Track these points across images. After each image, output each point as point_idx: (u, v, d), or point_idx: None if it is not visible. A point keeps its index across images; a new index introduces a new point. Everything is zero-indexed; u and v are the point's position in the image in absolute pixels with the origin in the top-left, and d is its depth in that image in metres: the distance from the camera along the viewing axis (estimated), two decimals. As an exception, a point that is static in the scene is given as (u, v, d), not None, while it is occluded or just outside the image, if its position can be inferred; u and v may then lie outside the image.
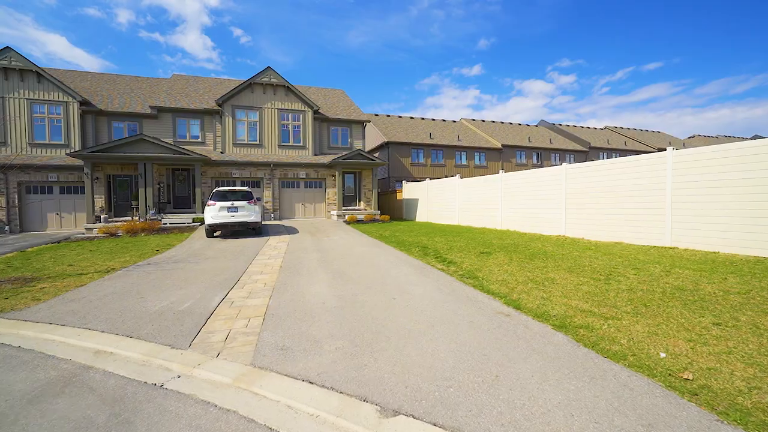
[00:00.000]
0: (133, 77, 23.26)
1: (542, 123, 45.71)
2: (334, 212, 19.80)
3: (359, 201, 22.11)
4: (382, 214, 20.76)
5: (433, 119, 39.06)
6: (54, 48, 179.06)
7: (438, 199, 19.13)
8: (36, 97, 17.50)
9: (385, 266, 7.53)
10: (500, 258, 7.83)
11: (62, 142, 17.75)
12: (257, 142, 20.39)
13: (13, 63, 17.01)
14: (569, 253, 8.15)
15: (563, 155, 38.35)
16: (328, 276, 6.75)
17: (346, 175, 21.85)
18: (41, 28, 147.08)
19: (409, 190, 22.58)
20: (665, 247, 8.38)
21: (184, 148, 17.18)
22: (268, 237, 12.72)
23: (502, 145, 34.64)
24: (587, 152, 39.07)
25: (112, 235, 14.56)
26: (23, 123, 17.35)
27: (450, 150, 32.77)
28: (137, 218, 16.38)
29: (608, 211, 10.18)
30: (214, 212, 12.14)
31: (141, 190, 16.53)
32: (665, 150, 8.90)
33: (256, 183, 19.79)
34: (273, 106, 20.66)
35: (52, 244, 12.71)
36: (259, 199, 15.53)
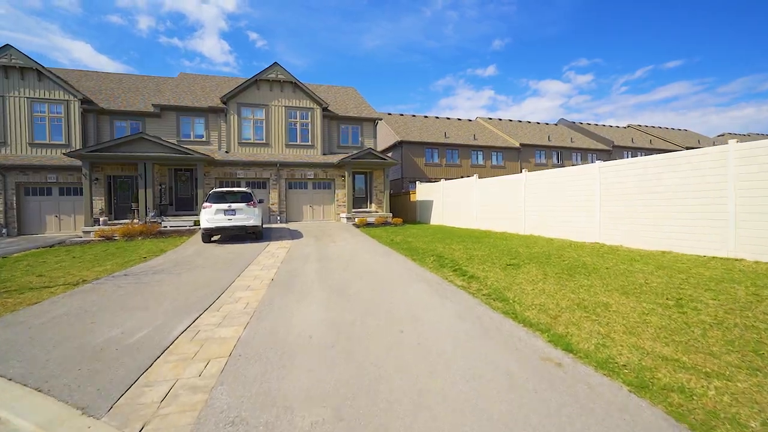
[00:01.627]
0: (138, 76, 22.67)
1: (562, 122, 43.94)
2: (344, 215, 18.71)
3: (370, 203, 20.99)
4: (394, 216, 19.63)
5: (448, 118, 37.76)
6: (79, 55, 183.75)
7: (454, 201, 17.86)
8: (36, 95, 16.92)
9: (394, 281, 6.35)
10: (532, 272, 6.57)
11: (63, 142, 17.13)
12: (263, 141, 19.48)
13: (13, 61, 16.46)
14: (614, 265, 6.82)
15: (585, 154, 36.61)
16: (324, 294, 5.61)
17: (356, 176, 20.76)
18: (67, 36, 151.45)
19: (423, 192, 21.36)
20: (729, 259, 6.98)
21: (186, 148, 16.34)
22: (268, 242, 11.68)
23: (520, 144, 33.14)
24: (610, 151, 37.23)
25: (108, 239, 13.77)
26: (23, 122, 16.78)
27: (466, 149, 31.42)
28: (136, 221, 15.59)
29: (652, 215, 8.78)
30: (210, 215, 11.17)
31: (141, 192, 15.74)
32: (695, 148, 7.51)
33: (261, 184, 18.85)
34: (280, 104, 19.73)
35: (41, 248, 11.94)
36: (261, 201, 14.53)
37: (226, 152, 18.90)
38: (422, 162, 29.68)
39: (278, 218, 18.68)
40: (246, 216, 11.40)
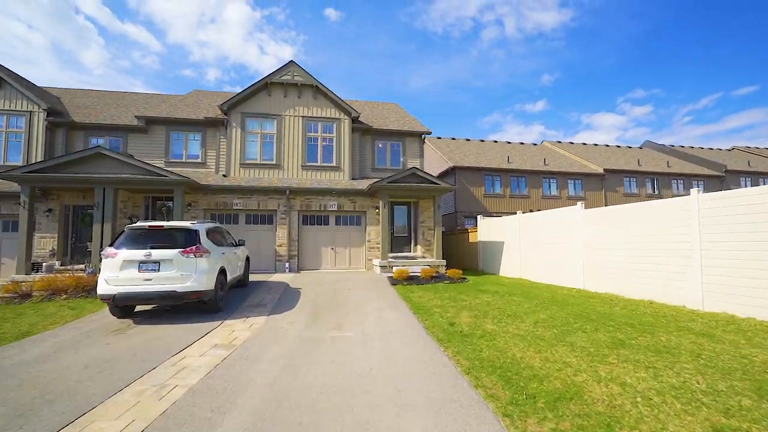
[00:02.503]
0: (143, 94, 19.34)
1: (648, 144, 36.57)
2: (377, 262, 13.19)
3: (414, 244, 15.34)
4: (449, 265, 13.85)
5: (509, 142, 31.93)
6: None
7: (541, 243, 11.76)
8: (-5, 107, 13.52)
9: None
10: None
11: (20, 164, 13.38)
12: (273, 162, 14.76)
13: (-29, 66, 13.27)
14: None
15: (688, 182, 28.96)
16: None
17: (395, 208, 15.33)
18: (149, 89, 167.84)
19: (487, 229, 15.41)
20: None
21: (164, 169, 11.97)
22: (222, 321, 6.32)
23: (604, 169, 26.41)
24: (722, 177, 29.39)
25: (24, 296, 9.20)
26: (-23, 140, 13.32)
27: (535, 177, 25.24)
28: (81, 268, 11.07)
29: None
30: (112, 271, 6.07)
31: (96, 227, 11.32)
32: None
33: (266, 217, 13.95)
34: (296, 113, 15.11)
35: None
36: (241, 243, 9.47)
37: (224, 176, 14.33)
38: (480, 192, 23.83)
39: (286, 265, 13.49)
40: (180, 274, 6.17)
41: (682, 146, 36.02)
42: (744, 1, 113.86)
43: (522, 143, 32.20)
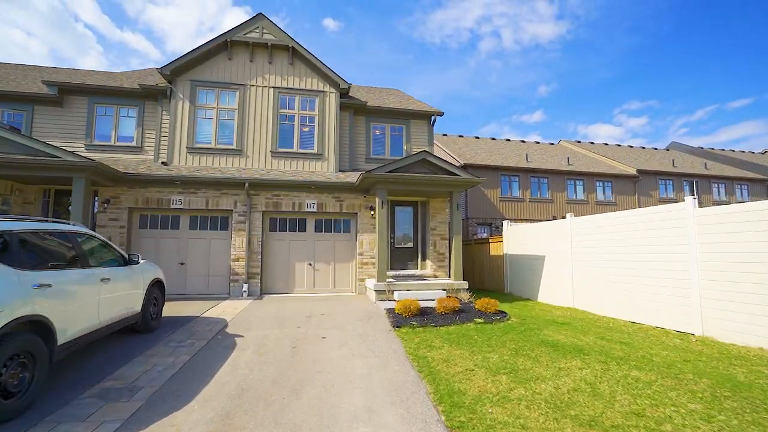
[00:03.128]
0: (85, 71, 15.55)
1: (674, 146, 33.19)
2: (371, 283, 9.32)
3: (423, 258, 11.49)
4: (473, 290, 9.96)
5: (523, 141, 28.32)
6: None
7: (608, 260, 7.91)
8: None
9: None
10: None
11: None
12: (233, 147, 10.96)
13: None
14: None
15: (730, 186, 25.45)
16: None
17: (396, 209, 11.52)
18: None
19: (517, 239, 11.59)
20: None
21: (53, 147, 8.21)
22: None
23: (637, 170, 22.77)
24: (769, 182, 25.74)
25: None
26: None
27: (558, 178, 21.54)
28: None
29: None
30: None
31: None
32: None
33: (219, 221, 10.10)
34: (266, 83, 11.35)
35: None
36: (132, 260, 5.57)
37: (164, 164, 10.50)
38: (496, 195, 20.07)
39: (244, 288, 9.59)
40: None
41: (712, 149, 32.59)
42: (739, 15, 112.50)
43: (537, 142, 28.60)
